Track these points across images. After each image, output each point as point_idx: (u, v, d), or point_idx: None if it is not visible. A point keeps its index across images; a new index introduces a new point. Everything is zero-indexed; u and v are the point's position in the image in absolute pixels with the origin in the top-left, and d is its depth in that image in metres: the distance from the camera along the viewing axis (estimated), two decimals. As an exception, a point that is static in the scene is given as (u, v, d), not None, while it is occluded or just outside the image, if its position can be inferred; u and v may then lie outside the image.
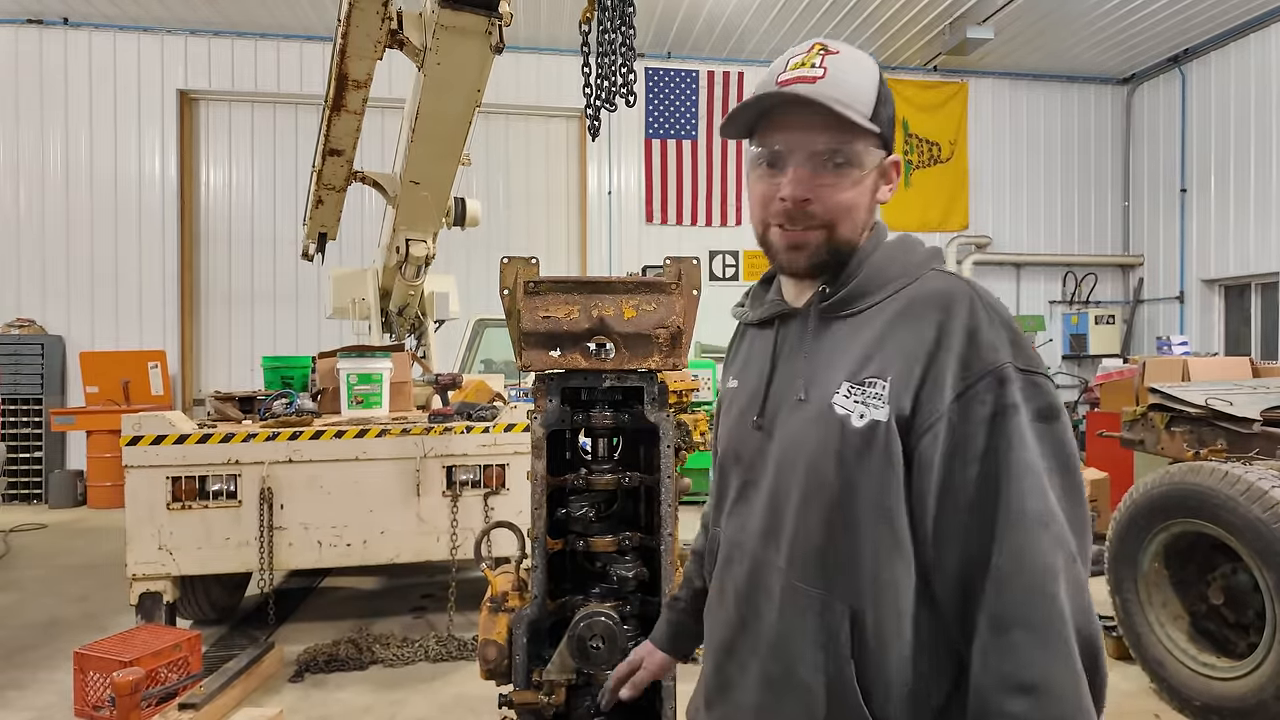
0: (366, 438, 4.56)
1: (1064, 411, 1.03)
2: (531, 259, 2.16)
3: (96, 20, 9.86)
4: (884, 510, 1.05)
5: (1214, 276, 10.83)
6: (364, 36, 3.84)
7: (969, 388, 1.01)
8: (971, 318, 1.04)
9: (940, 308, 1.06)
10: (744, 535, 1.21)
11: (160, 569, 4.33)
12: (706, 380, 7.85)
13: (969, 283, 1.10)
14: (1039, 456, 0.99)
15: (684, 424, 3.69)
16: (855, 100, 1.10)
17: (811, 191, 1.12)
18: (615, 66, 3.81)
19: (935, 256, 1.18)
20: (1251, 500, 3.28)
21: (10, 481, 9.34)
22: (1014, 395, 1.00)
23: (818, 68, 1.11)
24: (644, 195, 11.04)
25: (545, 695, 2.11)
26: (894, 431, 1.04)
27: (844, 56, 1.13)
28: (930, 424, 1.02)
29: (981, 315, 1.04)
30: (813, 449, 1.10)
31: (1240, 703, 3.39)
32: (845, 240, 1.15)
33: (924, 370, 1.03)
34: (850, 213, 1.14)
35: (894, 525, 1.05)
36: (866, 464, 1.05)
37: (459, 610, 4.80)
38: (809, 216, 1.13)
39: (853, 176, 1.13)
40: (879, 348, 1.08)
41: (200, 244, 10.41)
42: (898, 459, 1.04)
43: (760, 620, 1.15)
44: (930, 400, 1.02)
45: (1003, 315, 1.06)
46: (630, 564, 2.19)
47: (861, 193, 1.14)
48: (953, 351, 1.02)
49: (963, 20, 10.04)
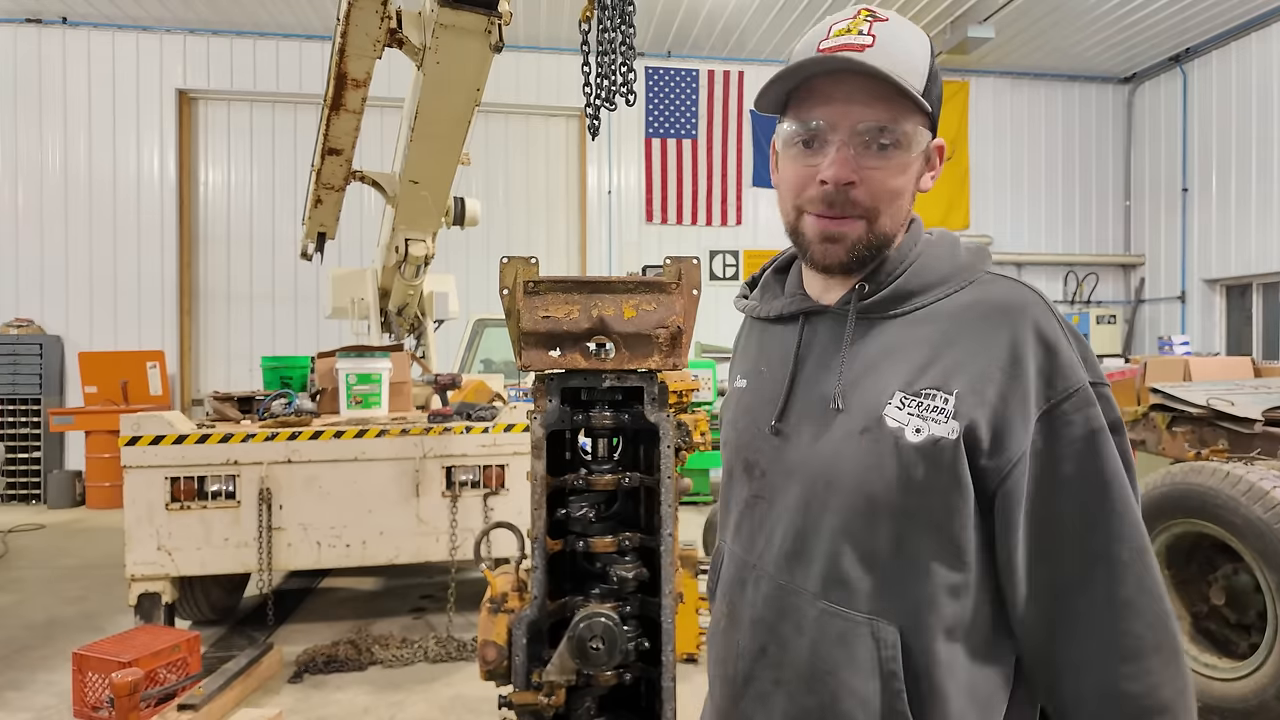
0: (366, 438, 4.55)
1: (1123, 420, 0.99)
2: (531, 258, 2.15)
3: (95, 20, 9.85)
4: (947, 536, 0.96)
5: (1215, 276, 10.82)
6: (363, 35, 3.83)
7: (1055, 407, 0.94)
8: (1050, 331, 0.96)
9: (1013, 318, 0.97)
10: (759, 557, 1.09)
11: (159, 569, 4.32)
12: (706, 380, 7.84)
13: (1037, 291, 1.02)
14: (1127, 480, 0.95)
15: (684, 424, 3.68)
16: (909, 72, 0.98)
17: (857, 174, 0.99)
18: (615, 65, 3.79)
19: (985, 256, 1.09)
20: (1253, 500, 3.27)
21: (9, 482, 9.33)
22: (1100, 416, 0.94)
23: (865, 35, 0.98)
24: (644, 195, 11.03)
25: (545, 696, 2.10)
26: (961, 451, 0.94)
27: (894, 24, 1.01)
28: (1016, 449, 0.94)
29: (1058, 328, 0.97)
30: (858, 465, 0.99)
31: (1241, 703, 3.37)
32: (886, 233, 1.03)
33: (1002, 388, 0.94)
34: (895, 200, 1.02)
35: (959, 552, 0.97)
36: (928, 484, 0.95)
37: (458, 611, 4.80)
38: (851, 203, 1.00)
39: (901, 160, 1.01)
40: (938, 356, 0.98)
41: (199, 244, 10.40)
42: (966, 481, 0.95)
43: (787, 650, 1.04)
44: (1013, 422, 0.94)
45: (1072, 326, 1.00)
46: (630, 565, 2.17)
47: (909, 179, 1.03)
48: (1034, 368, 0.95)
49: (963, 19, 10.03)
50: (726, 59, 11.07)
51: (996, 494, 0.96)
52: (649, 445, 2.24)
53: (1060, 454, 0.94)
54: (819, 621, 1.01)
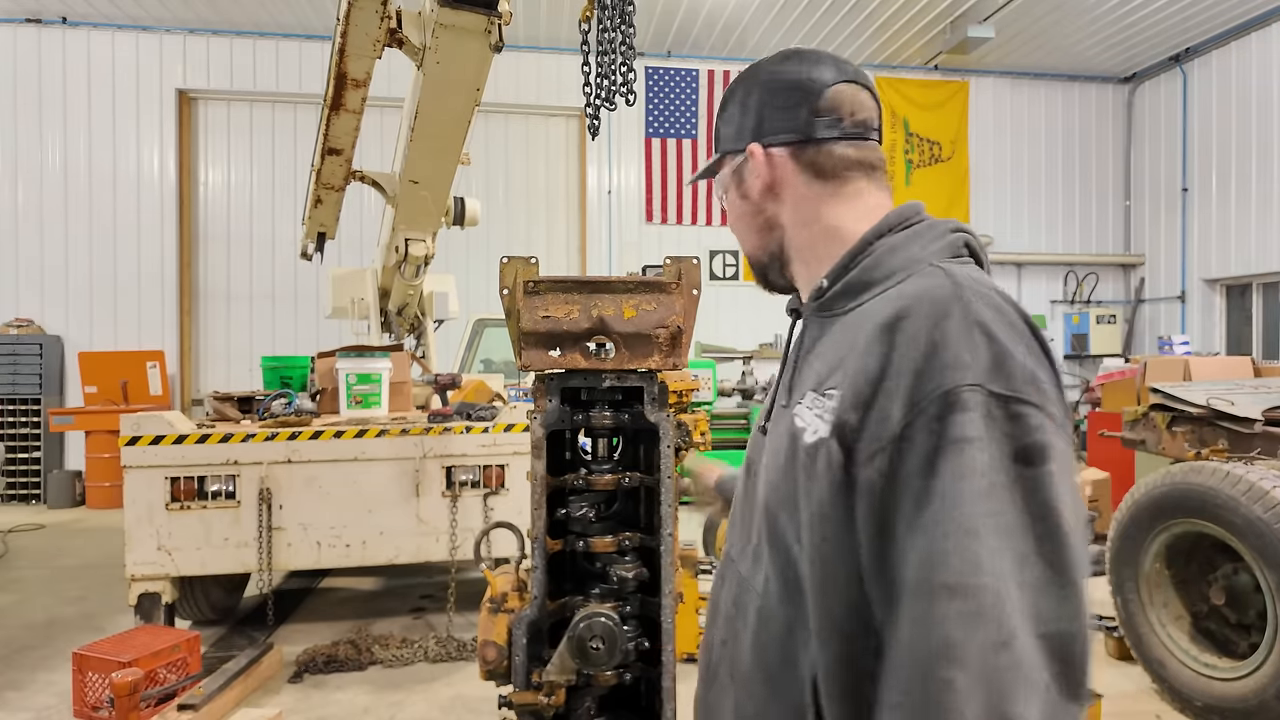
0: (365, 438, 4.55)
1: (1058, 452, 0.79)
2: (531, 258, 2.15)
3: (95, 19, 9.85)
4: (825, 539, 0.88)
5: (1215, 276, 10.82)
6: (363, 35, 3.83)
7: (915, 415, 0.80)
8: (939, 325, 0.83)
9: (905, 311, 0.86)
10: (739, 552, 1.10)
11: (159, 569, 4.32)
12: (707, 380, 7.84)
13: (962, 283, 0.87)
14: (990, 511, 0.75)
15: (684, 424, 3.67)
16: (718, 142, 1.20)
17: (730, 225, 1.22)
18: (615, 65, 3.79)
19: (950, 249, 0.98)
20: (1253, 500, 3.27)
21: (9, 482, 9.33)
22: (967, 427, 0.77)
23: None
24: (644, 194, 11.03)
25: (545, 696, 2.10)
26: (834, 453, 0.87)
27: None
28: (871, 455, 0.83)
29: (953, 323, 0.82)
30: (778, 465, 0.98)
31: (1241, 703, 3.38)
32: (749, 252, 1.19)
33: (875, 387, 0.84)
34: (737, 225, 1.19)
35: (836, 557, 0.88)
36: (814, 486, 0.89)
37: (458, 611, 4.80)
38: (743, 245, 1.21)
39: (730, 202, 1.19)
40: (847, 354, 0.92)
41: (199, 243, 10.40)
42: (841, 485, 0.86)
43: (739, 645, 1.04)
44: (876, 426, 0.83)
45: (988, 324, 0.83)
46: (630, 564, 2.18)
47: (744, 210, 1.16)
48: (908, 367, 0.82)
49: (963, 19, 10.03)
50: (726, 59, 11.07)
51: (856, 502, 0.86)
52: (649, 445, 2.24)
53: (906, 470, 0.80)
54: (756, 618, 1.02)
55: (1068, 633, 0.75)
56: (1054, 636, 0.74)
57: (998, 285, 0.92)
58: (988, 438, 0.77)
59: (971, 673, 0.72)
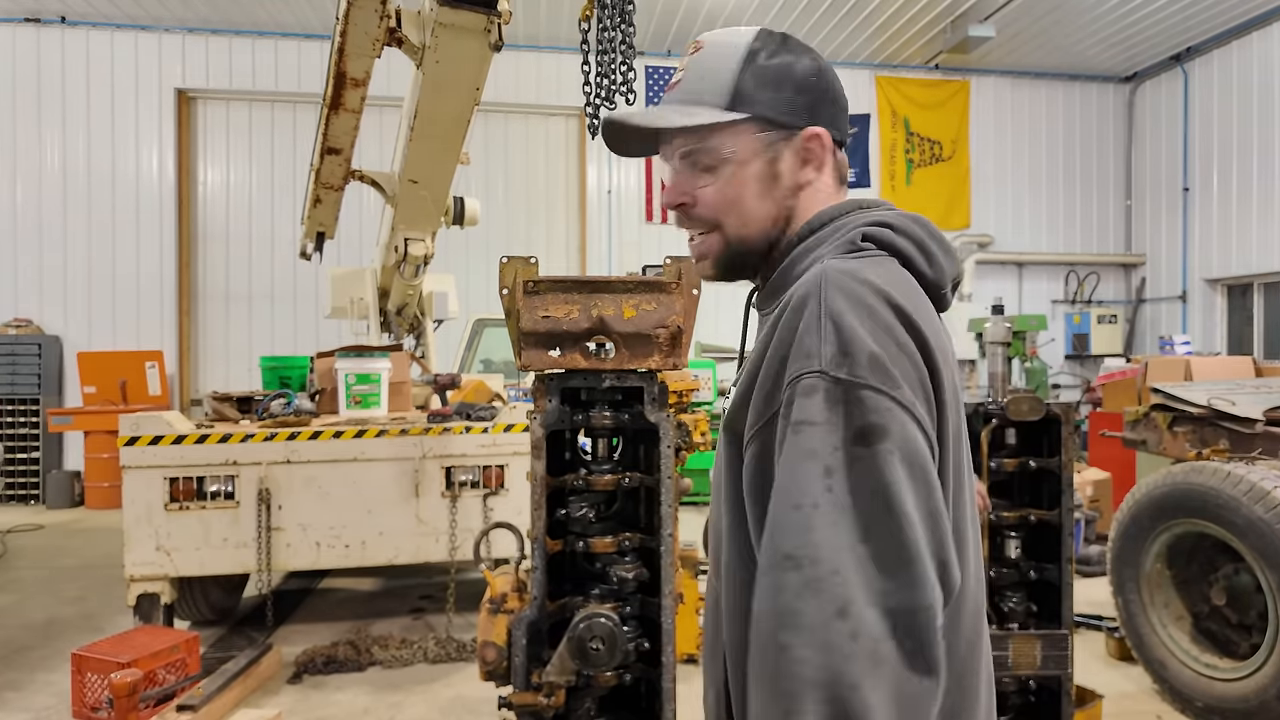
0: (365, 438, 4.55)
1: (896, 434, 0.82)
2: (531, 258, 2.15)
3: (94, 19, 9.84)
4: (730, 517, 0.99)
5: (1216, 276, 10.81)
6: (362, 35, 3.82)
7: (780, 403, 0.88)
8: (799, 318, 0.89)
9: (782, 309, 0.94)
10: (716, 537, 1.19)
11: (158, 570, 4.31)
12: (706, 380, 7.83)
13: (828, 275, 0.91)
14: (828, 488, 0.80)
15: (684, 424, 3.67)
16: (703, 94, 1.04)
17: (688, 195, 1.07)
18: (615, 64, 3.79)
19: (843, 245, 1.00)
20: (1254, 500, 3.26)
21: (7, 482, 9.32)
22: (810, 410, 0.83)
23: (680, 70, 1.09)
24: (644, 194, 11.02)
25: (545, 697, 2.09)
26: (729, 439, 0.99)
27: (705, 49, 1.08)
28: (747, 443, 0.93)
29: (810, 315, 0.88)
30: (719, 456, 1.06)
31: (1242, 704, 3.37)
32: (744, 237, 1.06)
33: (754, 380, 0.94)
34: (735, 207, 1.05)
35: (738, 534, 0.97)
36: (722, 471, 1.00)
37: (458, 611, 4.79)
38: (695, 221, 1.08)
39: (729, 172, 1.05)
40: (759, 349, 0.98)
41: (198, 243, 10.39)
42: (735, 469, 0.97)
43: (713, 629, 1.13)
44: (751, 415, 0.93)
45: (839, 313, 0.86)
46: (630, 565, 2.17)
47: (742, 183, 1.05)
48: (775, 361, 0.90)
49: (964, 18, 10.02)
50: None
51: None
52: (649, 445, 2.24)
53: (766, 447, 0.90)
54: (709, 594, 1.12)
55: (908, 607, 0.78)
56: (895, 611, 0.77)
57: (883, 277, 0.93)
58: (828, 422, 0.83)
59: (806, 638, 0.76)
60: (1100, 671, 4.22)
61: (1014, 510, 2.93)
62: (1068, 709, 2.82)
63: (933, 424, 0.88)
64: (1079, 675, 3.28)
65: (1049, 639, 2.81)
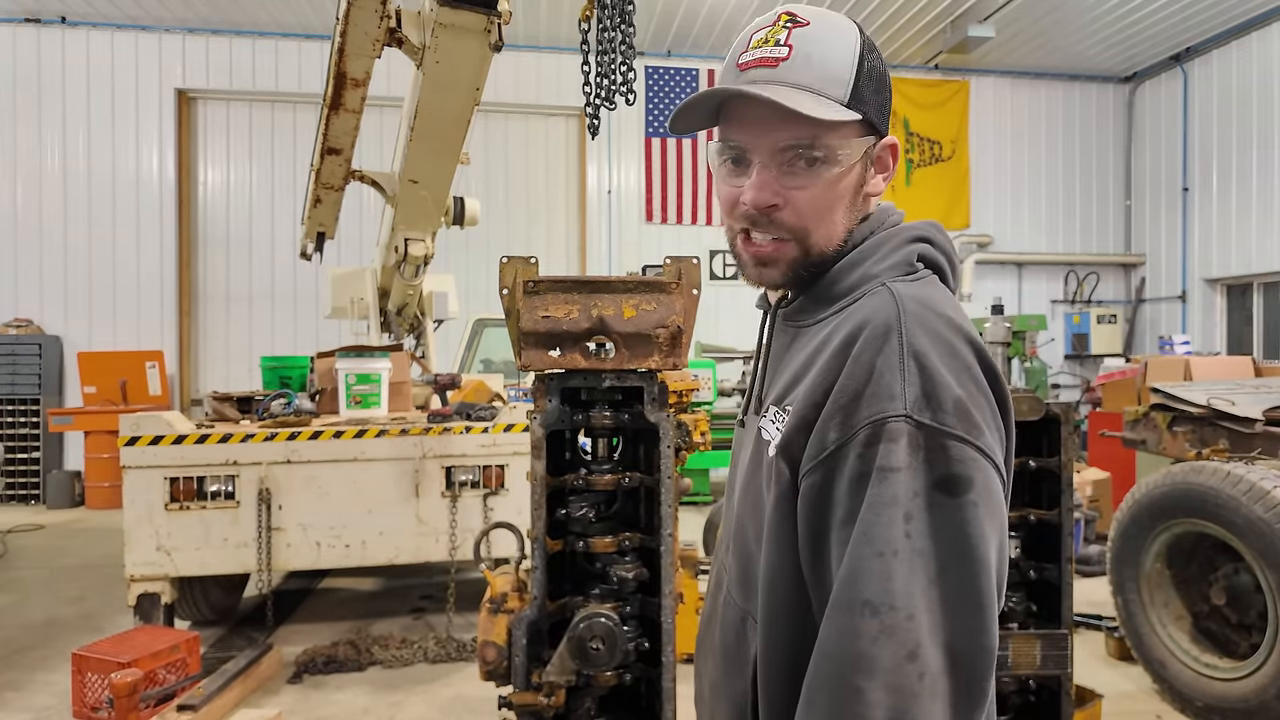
0: (365, 438, 4.55)
1: (980, 485, 0.83)
2: (531, 258, 2.15)
3: (94, 19, 9.84)
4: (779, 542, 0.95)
5: (1216, 276, 10.81)
6: (362, 35, 3.82)
7: (848, 440, 0.85)
8: (879, 353, 0.86)
9: (852, 338, 0.90)
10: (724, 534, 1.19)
11: (158, 570, 4.31)
12: (706, 380, 7.83)
13: (906, 308, 0.90)
14: (907, 534, 0.81)
15: (684, 424, 3.67)
16: (826, 83, 0.93)
17: (780, 195, 0.96)
18: (615, 65, 3.79)
19: (901, 266, 0.98)
20: (1254, 500, 3.26)
21: (8, 482, 9.32)
22: (894, 456, 0.82)
23: (781, 45, 0.94)
24: (644, 194, 11.02)
25: (545, 697, 2.09)
26: (783, 467, 0.94)
27: (814, 27, 0.95)
28: (809, 472, 0.90)
29: (891, 352, 0.86)
30: (748, 468, 1.04)
31: (1242, 703, 3.37)
32: (822, 250, 0.99)
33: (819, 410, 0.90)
34: (826, 217, 0.97)
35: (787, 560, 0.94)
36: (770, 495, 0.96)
37: (458, 611, 4.79)
38: (777, 225, 0.97)
39: (828, 175, 0.96)
40: (804, 372, 0.96)
41: (198, 243, 10.39)
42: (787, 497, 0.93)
43: (715, 624, 1.14)
44: (815, 446, 0.89)
45: (923, 354, 0.86)
46: (630, 565, 2.17)
47: (840, 192, 0.97)
48: (849, 393, 0.87)
49: (964, 19, 10.03)
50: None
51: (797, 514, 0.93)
52: (649, 445, 2.24)
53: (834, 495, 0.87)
54: (725, 603, 1.10)
55: (970, 649, 0.81)
56: (957, 652, 0.80)
57: (949, 304, 0.95)
58: (910, 467, 0.83)
59: (879, 681, 0.79)
60: (1100, 671, 4.22)
61: (1014, 510, 2.93)
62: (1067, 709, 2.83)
63: (1004, 459, 0.89)
64: (1079, 675, 3.28)
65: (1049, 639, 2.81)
